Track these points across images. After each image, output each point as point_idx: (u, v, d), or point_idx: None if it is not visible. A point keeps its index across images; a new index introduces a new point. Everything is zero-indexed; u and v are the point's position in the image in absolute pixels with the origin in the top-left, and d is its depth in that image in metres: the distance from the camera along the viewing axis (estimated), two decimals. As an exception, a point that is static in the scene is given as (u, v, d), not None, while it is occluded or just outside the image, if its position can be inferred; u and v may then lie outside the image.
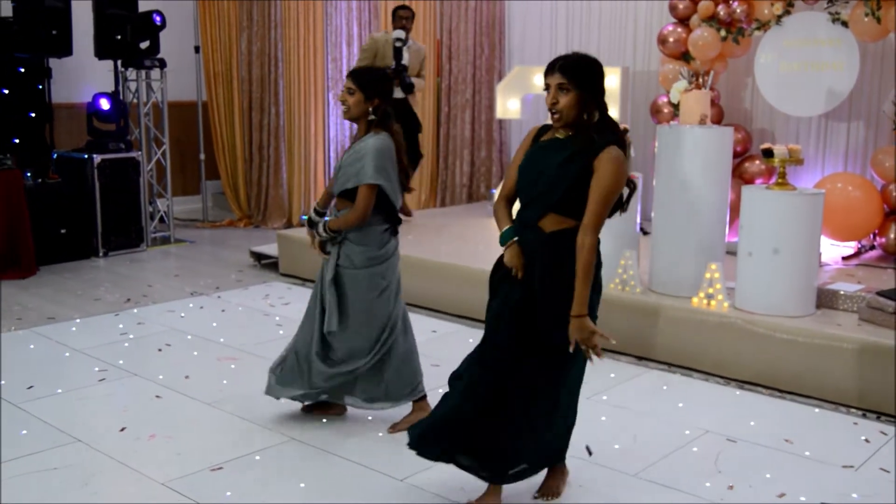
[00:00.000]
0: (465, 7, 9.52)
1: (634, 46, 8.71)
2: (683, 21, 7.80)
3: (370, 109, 4.29)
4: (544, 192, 3.32)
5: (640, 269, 5.88)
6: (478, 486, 3.72)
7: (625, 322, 5.69)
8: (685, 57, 7.75)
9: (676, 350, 5.51)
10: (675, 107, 7.43)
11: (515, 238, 3.45)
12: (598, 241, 3.30)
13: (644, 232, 6.47)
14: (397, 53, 8.12)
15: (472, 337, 6.07)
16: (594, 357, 3.34)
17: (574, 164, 3.27)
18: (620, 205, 3.43)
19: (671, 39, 7.79)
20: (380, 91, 4.31)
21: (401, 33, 8.15)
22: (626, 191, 3.42)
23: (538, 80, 8.37)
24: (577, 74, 3.27)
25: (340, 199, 4.37)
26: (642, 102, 8.51)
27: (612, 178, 3.23)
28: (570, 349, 3.33)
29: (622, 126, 6.10)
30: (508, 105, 8.63)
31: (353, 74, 4.34)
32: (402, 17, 8.25)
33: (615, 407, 4.84)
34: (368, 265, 4.35)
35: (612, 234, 5.86)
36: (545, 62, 8.60)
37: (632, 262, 5.80)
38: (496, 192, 8.59)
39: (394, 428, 4.50)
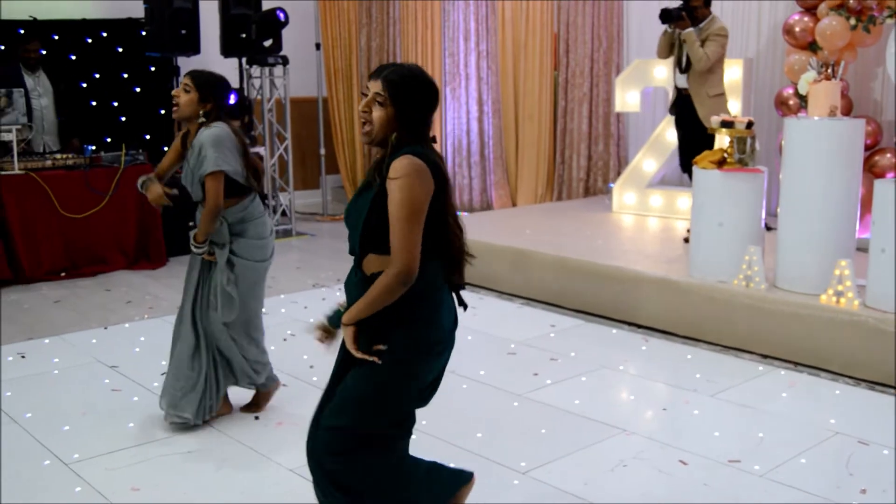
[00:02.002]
0: (582, 1, 9.45)
1: (758, 36, 8.48)
2: (810, 10, 7.56)
3: (201, 112, 4.22)
4: (352, 231, 2.85)
5: (764, 265, 5.74)
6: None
7: (749, 319, 5.58)
8: (812, 47, 7.52)
9: (803, 348, 5.36)
10: (802, 98, 7.20)
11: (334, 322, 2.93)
12: (410, 275, 2.71)
13: (768, 228, 6.32)
14: None
15: (590, 332, 6.05)
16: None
17: (368, 191, 2.78)
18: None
19: (798, 29, 7.57)
20: (215, 95, 4.24)
21: None
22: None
23: (658, 72, 8.28)
24: (398, 89, 2.73)
25: (202, 204, 4.28)
26: (766, 94, 8.29)
27: (401, 194, 2.67)
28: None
29: (747, 119, 6.01)
30: (627, 98, 8.54)
31: (192, 74, 4.26)
32: None
33: (740, 405, 4.75)
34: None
35: (736, 230, 5.79)
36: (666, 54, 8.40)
37: (756, 258, 5.67)
38: (614, 187, 8.56)
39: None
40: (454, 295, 3.07)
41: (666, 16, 7.03)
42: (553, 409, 4.71)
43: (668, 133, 8.36)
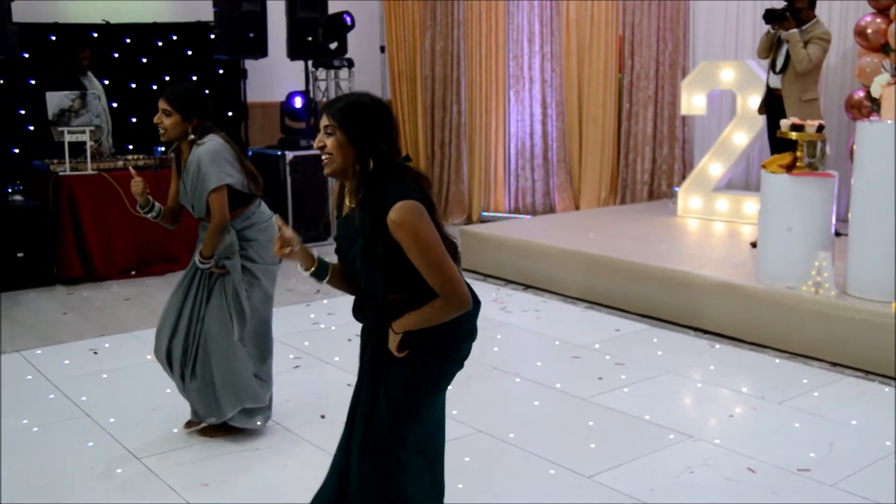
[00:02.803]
0: (648, 2, 9.38)
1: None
2: (883, 11, 7.42)
3: (189, 129, 4.15)
4: (368, 284, 2.84)
5: (834, 271, 5.65)
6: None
7: (818, 326, 5.49)
8: (885, 49, 7.37)
9: (874, 357, 5.25)
10: (874, 101, 7.08)
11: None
12: (465, 303, 2.78)
13: (837, 233, 6.21)
14: None
15: (655, 337, 6.01)
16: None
17: (375, 247, 2.75)
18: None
19: (870, 31, 7.43)
20: (198, 109, 4.16)
21: None
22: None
23: (725, 75, 8.19)
24: (346, 115, 2.73)
25: (208, 219, 4.21)
26: (836, 97, 8.15)
27: (418, 243, 2.68)
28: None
29: (817, 123, 5.92)
30: (693, 101, 8.45)
31: (166, 97, 4.14)
32: None
33: (809, 414, 4.68)
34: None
35: (805, 235, 5.71)
36: (732, 57, 8.41)
37: (826, 264, 5.58)
38: (679, 191, 8.48)
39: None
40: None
41: (770, 16, 6.97)
42: (618, 414, 4.69)
43: (735, 136, 8.27)
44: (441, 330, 2.82)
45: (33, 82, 8.50)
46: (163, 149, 8.08)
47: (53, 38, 8.70)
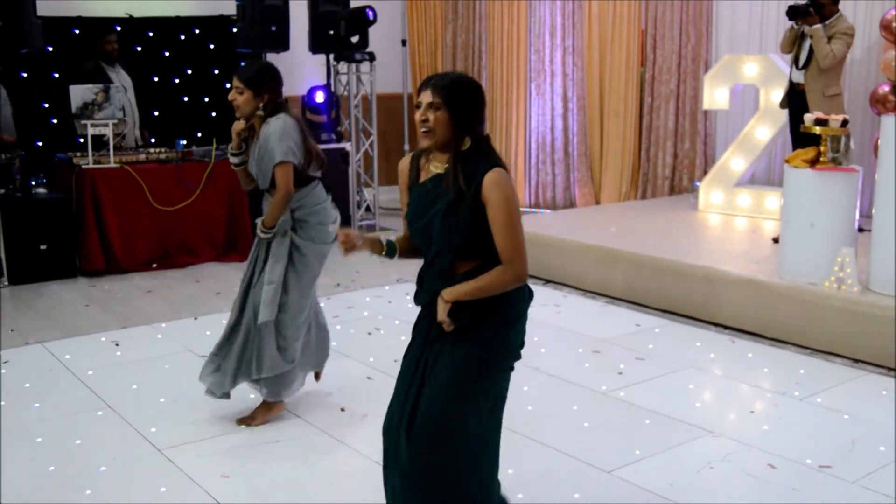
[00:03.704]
0: (671, -4, 9.35)
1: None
2: (909, 5, 7.36)
3: (260, 106, 4.34)
4: (442, 247, 2.96)
5: (857, 267, 5.60)
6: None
7: (840, 322, 5.45)
8: (910, 43, 7.31)
9: (897, 353, 5.22)
10: (899, 96, 7.02)
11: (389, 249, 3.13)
12: (521, 275, 2.91)
13: (860, 229, 6.15)
14: None
15: (676, 332, 5.99)
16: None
17: (459, 209, 2.90)
18: None
19: (895, 25, 7.36)
20: (268, 86, 4.34)
21: None
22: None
23: (748, 69, 8.13)
24: (450, 93, 2.91)
25: (272, 191, 4.42)
26: (861, 92, 8.08)
27: (506, 204, 2.87)
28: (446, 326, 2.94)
29: (841, 117, 5.87)
30: (716, 95, 8.40)
31: (238, 75, 4.35)
32: None
33: (831, 410, 4.65)
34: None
35: (828, 231, 5.67)
36: (755, 51, 8.35)
37: (849, 260, 5.54)
38: (700, 185, 8.43)
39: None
40: None
41: (794, 11, 6.92)
42: (638, 409, 4.68)
43: (758, 131, 8.22)
44: (497, 306, 2.92)
45: (57, 75, 8.55)
46: (184, 142, 8.14)
47: (77, 31, 8.76)
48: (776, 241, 6.65)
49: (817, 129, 5.88)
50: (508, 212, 2.88)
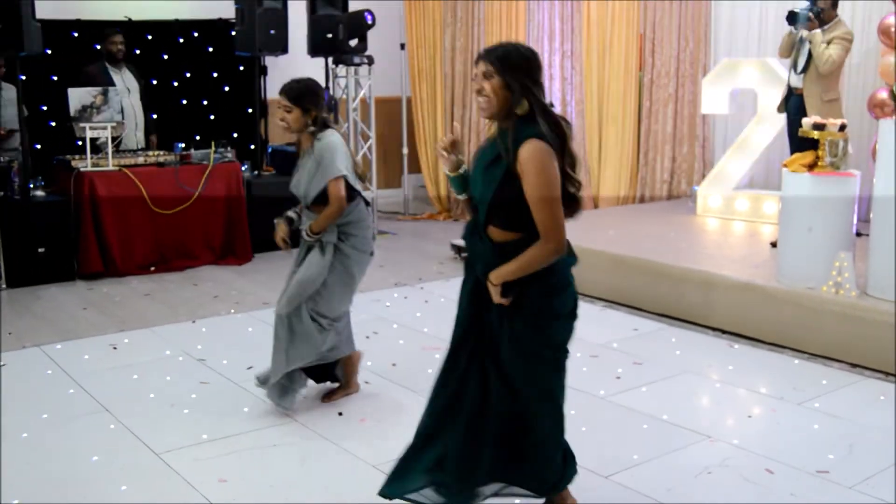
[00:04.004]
0: (669, 0, 9.34)
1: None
2: (908, 10, 7.36)
3: (309, 122, 4.52)
4: (480, 201, 3.17)
5: (855, 271, 5.61)
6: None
7: (838, 326, 5.46)
8: (909, 48, 7.32)
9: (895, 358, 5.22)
10: (897, 101, 7.02)
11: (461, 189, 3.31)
12: (562, 247, 3.10)
13: (858, 234, 6.16)
14: None
15: (674, 336, 5.99)
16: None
17: (496, 169, 3.09)
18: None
19: (894, 29, 7.36)
20: (314, 102, 4.53)
21: None
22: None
23: (746, 73, 8.14)
24: (503, 62, 3.07)
25: (317, 206, 4.57)
26: (860, 96, 8.08)
27: (540, 177, 3.00)
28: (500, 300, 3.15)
29: (839, 122, 5.87)
30: (714, 100, 8.41)
31: (285, 92, 4.52)
32: None
33: (828, 415, 4.65)
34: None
35: (826, 235, 5.67)
36: (753, 55, 8.36)
37: (847, 265, 5.54)
38: (698, 190, 8.44)
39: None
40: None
41: (793, 17, 6.92)
42: (636, 413, 4.67)
43: (756, 135, 8.22)
44: (543, 275, 3.10)
45: (55, 78, 8.55)
46: (182, 145, 8.14)
47: (76, 34, 8.76)
48: (774, 245, 6.65)
49: (815, 134, 5.89)
50: (540, 185, 2.99)
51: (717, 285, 6.12)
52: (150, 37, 9.18)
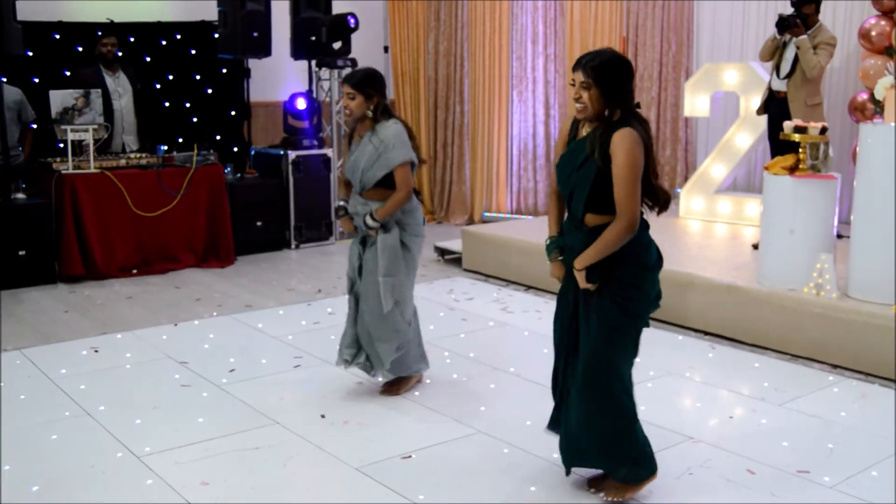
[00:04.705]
0: (652, 3, 9.39)
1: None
2: (888, 13, 7.41)
3: (370, 108, 4.65)
4: (576, 192, 3.49)
5: (836, 273, 5.64)
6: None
7: (819, 328, 5.49)
8: (889, 51, 7.36)
9: (875, 359, 5.25)
10: (878, 104, 7.06)
11: (556, 254, 3.68)
12: (635, 225, 3.38)
13: (839, 236, 6.19)
14: None
15: (656, 338, 5.99)
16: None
17: (592, 162, 3.41)
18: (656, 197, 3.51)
19: (874, 33, 7.42)
20: (377, 89, 4.68)
21: None
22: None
23: (729, 76, 8.18)
24: (600, 74, 3.36)
25: (372, 191, 4.68)
26: (840, 100, 8.14)
27: (626, 158, 3.32)
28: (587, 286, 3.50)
29: (820, 125, 5.91)
30: (697, 103, 8.45)
31: (349, 81, 4.68)
32: None
33: (809, 416, 4.67)
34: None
35: (807, 238, 5.70)
36: (736, 59, 8.40)
37: (828, 267, 5.58)
38: (681, 192, 8.47)
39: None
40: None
41: (783, 24, 6.93)
42: (618, 415, 4.67)
43: (738, 138, 8.26)
44: (626, 256, 3.42)
45: (37, 80, 8.51)
46: (165, 147, 8.11)
47: (57, 36, 8.72)
48: (756, 247, 6.69)
49: (796, 137, 5.92)
50: (626, 164, 3.31)
51: (698, 287, 6.15)
52: (132, 39, 9.14)
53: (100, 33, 8.51)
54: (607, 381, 3.56)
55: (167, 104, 9.44)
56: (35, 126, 8.10)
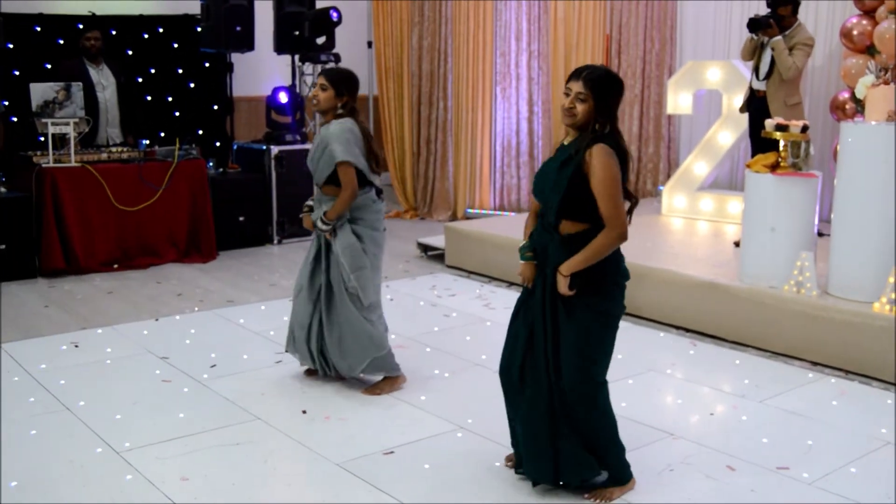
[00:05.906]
0: (636, 1, 9.40)
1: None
2: (869, 13, 7.45)
3: (339, 105, 4.72)
4: (550, 197, 3.54)
5: (816, 271, 5.67)
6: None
7: (799, 325, 5.52)
8: (870, 51, 7.41)
9: (855, 357, 5.28)
10: (859, 103, 7.11)
11: (530, 254, 3.71)
12: (626, 233, 3.49)
13: (820, 234, 6.23)
14: None
15: (637, 335, 6.03)
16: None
17: (567, 167, 3.48)
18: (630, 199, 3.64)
19: (855, 32, 7.46)
20: (349, 90, 4.75)
21: None
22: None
23: (712, 74, 8.21)
24: (598, 87, 3.45)
25: (326, 187, 4.77)
26: (821, 98, 8.19)
27: (605, 172, 3.41)
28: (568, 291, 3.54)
29: (801, 123, 5.94)
30: (679, 101, 8.47)
31: (326, 73, 4.76)
32: None
33: (789, 412, 4.70)
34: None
35: (788, 235, 5.73)
36: (719, 57, 8.42)
37: (808, 264, 5.61)
38: (664, 189, 8.49)
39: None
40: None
41: (754, 24, 6.94)
42: (599, 411, 4.68)
43: (720, 136, 8.29)
44: (606, 266, 3.51)
45: (17, 73, 8.45)
46: (147, 142, 8.07)
47: (38, 28, 8.66)
48: (737, 244, 6.72)
49: (777, 135, 5.95)
50: (606, 178, 3.40)
51: (680, 284, 6.17)
52: (114, 32, 9.08)
53: (81, 26, 8.48)
54: (593, 398, 3.67)
55: (149, 98, 9.39)
56: (14, 119, 8.04)
